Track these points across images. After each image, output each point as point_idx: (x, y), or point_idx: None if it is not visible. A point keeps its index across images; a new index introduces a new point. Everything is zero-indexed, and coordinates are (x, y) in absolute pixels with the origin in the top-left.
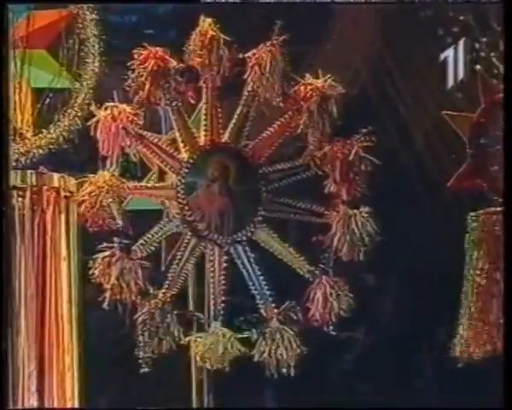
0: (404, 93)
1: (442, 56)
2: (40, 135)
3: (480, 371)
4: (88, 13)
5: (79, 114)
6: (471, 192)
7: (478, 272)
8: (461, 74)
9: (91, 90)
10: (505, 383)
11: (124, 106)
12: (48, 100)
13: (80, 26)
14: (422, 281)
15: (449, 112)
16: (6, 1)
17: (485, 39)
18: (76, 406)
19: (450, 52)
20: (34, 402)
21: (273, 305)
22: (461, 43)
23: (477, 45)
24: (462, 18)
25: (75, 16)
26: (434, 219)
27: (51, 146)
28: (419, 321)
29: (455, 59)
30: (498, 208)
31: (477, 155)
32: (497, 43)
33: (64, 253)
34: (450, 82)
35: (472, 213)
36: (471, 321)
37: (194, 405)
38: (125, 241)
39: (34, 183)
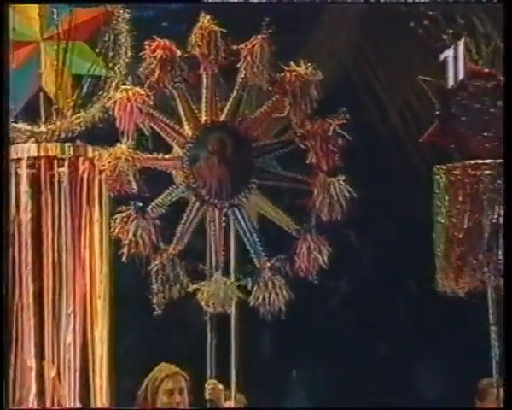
0: (379, 77)
1: (442, 56)
2: (78, 114)
3: (454, 307)
4: (121, 11)
5: (120, 95)
6: (439, 148)
7: (448, 217)
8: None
9: (123, 78)
10: (505, 382)
11: (137, 88)
12: (86, 85)
13: (115, 22)
14: (396, 235)
15: (424, 77)
16: (6, 1)
17: (450, 31)
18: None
19: (449, 52)
20: (71, 340)
21: (265, 258)
22: (460, 42)
23: (444, 36)
24: (431, 13)
25: (111, 14)
26: (404, 182)
27: (87, 124)
28: (394, 268)
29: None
30: (462, 163)
31: (445, 116)
32: (460, 35)
33: (97, 215)
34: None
35: (438, 166)
36: (447, 259)
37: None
38: (140, 203)
39: (72, 154)
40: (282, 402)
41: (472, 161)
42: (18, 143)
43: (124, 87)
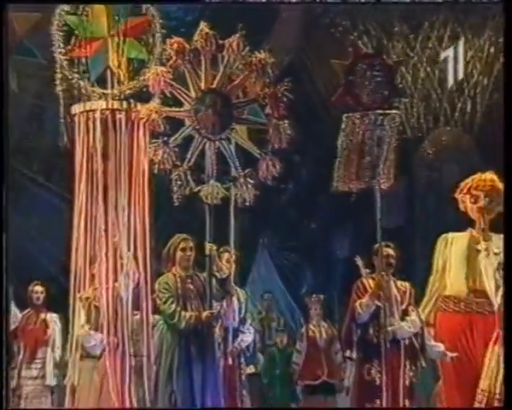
0: (311, 59)
1: (442, 56)
2: (131, 82)
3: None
4: (157, 18)
5: (152, 71)
6: (345, 104)
7: (348, 145)
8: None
9: (158, 60)
10: (505, 382)
11: (162, 68)
12: (135, 64)
13: (152, 25)
14: (320, 156)
15: (334, 61)
16: (6, 1)
17: (355, 33)
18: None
19: (449, 52)
20: (126, 222)
21: (240, 170)
22: (460, 43)
23: (351, 36)
24: (344, 23)
25: (150, 20)
26: (325, 126)
27: (136, 89)
28: (319, 176)
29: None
30: (357, 114)
31: (347, 84)
32: (361, 36)
33: (142, 144)
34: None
35: (344, 114)
36: (346, 171)
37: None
38: (165, 138)
39: (127, 107)
40: (254, 257)
41: (364, 112)
42: (94, 100)
43: (154, 67)
